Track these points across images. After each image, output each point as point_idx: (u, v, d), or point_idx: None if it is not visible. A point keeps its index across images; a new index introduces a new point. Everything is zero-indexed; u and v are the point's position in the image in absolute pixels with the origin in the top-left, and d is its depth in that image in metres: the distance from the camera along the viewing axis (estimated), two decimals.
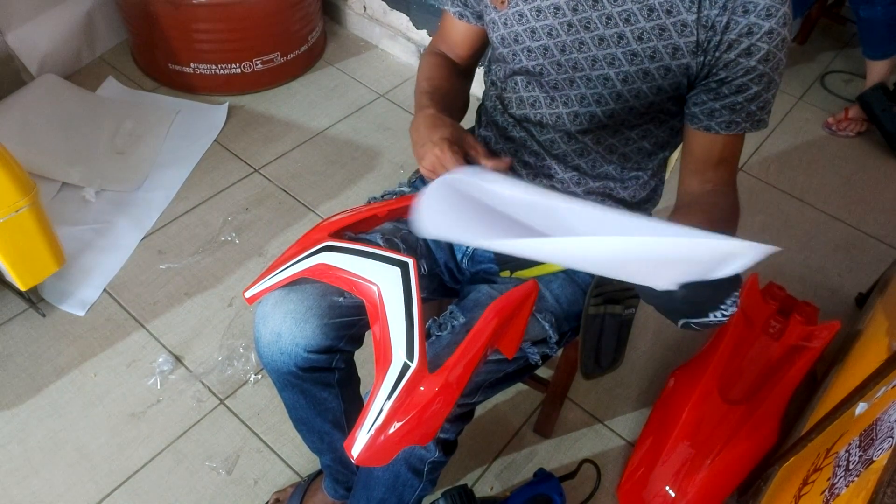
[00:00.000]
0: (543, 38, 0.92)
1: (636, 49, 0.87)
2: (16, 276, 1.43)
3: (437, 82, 1.04)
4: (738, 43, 0.82)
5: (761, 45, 0.82)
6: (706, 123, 0.91)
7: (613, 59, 0.89)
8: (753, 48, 0.82)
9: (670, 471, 1.32)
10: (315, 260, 0.89)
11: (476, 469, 1.42)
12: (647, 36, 0.86)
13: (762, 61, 0.83)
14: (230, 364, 1.54)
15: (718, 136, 0.91)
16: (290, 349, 0.92)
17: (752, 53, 0.83)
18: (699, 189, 0.96)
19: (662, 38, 0.85)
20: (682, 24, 0.84)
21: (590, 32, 0.89)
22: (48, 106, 2.01)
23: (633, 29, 0.86)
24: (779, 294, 1.56)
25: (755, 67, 0.84)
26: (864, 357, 1.28)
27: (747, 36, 0.82)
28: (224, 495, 1.35)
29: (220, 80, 2.19)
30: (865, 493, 0.83)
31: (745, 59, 0.83)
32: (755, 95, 0.87)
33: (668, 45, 0.86)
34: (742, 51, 0.83)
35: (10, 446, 1.39)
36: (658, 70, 0.87)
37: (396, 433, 0.78)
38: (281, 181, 1.98)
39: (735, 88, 0.86)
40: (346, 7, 2.52)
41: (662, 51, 0.86)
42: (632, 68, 0.88)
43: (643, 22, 0.86)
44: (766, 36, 0.82)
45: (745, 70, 0.84)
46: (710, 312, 0.69)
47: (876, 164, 2.25)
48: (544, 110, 0.99)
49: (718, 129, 0.90)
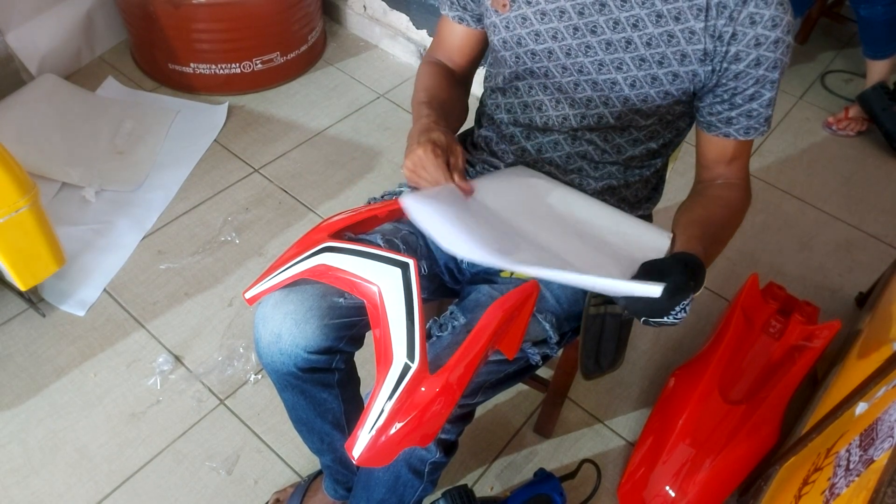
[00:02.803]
0: (548, 41, 0.92)
1: (644, 54, 0.88)
2: (16, 276, 1.42)
3: (435, 92, 1.04)
4: (746, 54, 0.85)
5: (768, 54, 0.84)
6: (725, 131, 0.94)
7: (621, 63, 0.89)
8: (762, 58, 0.85)
9: (671, 471, 1.32)
10: (315, 261, 0.89)
11: (476, 469, 1.42)
12: (656, 42, 0.87)
13: (771, 69, 0.86)
14: (230, 364, 1.54)
15: (734, 141, 0.94)
16: (291, 350, 0.92)
17: (761, 63, 0.85)
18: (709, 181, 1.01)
19: (671, 44, 0.86)
20: (690, 32, 0.85)
21: (596, 37, 0.89)
22: (48, 106, 2.01)
23: (641, 34, 0.87)
24: (779, 294, 1.56)
25: (765, 76, 0.86)
26: (865, 357, 1.28)
27: (755, 48, 0.84)
28: (224, 495, 1.35)
29: (220, 80, 2.19)
30: (866, 493, 0.83)
31: (754, 69, 0.86)
32: (770, 101, 0.90)
33: (677, 52, 0.87)
34: (751, 62, 0.85)
35: (10, 446, 1.39)
36: (667, 76, 0.88)
37: (397, 434, 0.78)
38: (281, 181, 1.97)
39: (749, 97, 0.89)
40: (346, 7, 2.52)
41: (671, 57, 0.87)
42: (640, 73, 0.89)
43: (651, 28, 0.86)
44: (773, 45, 0.84)
45: (755, 80, 0.87)
46: (664, 316, 0.79)
47: (876, 163, 2.25)
48: (550, 112, 0.99)
49: (737, 135, 0.93)
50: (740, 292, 1.53)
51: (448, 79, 1.08)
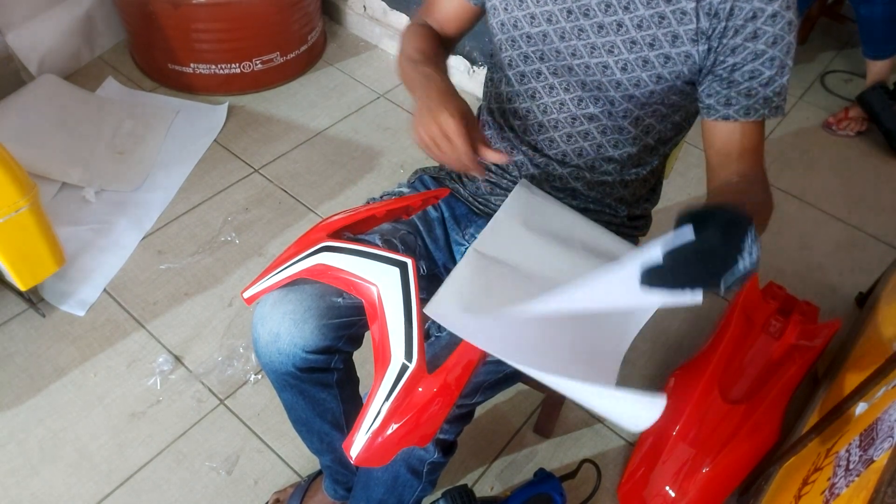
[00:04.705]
0: (543, 23, 0.92)
1: (635, 37, 0.87)
2: (16, 276, 1.43)
3: (434, 53, 1.02)
4: (743, 28, 0.83)
5: (766, 28, 0.82)
6: (724, 112, 0.89)
7: (612, 46, 0.89)
8: (759, 31, 0.83)
9: (670, 471, 1.32)
10: (314, 260, 0.89)
11: (476, 469, 1.42)
12: (647, 24, 0.86)
13: (770, 45, 0.83)
14: (230, 364, 1.54)
15: (737, 125, 0.89)
16: (289, 350, 0.92)
17: (759, 37, 0.83)
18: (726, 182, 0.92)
19: (661, 25, 0.86)
20: (681, 13, 0.85)
21: (589, 20, 0.89)
22: (48, 106, 2.01)
23: (632, 17, 0.87)
24: (779, 293, 1.56)
25: (764, 51, 0.84)
26: (864, 357, 1.28)
27: (752, 20, 0.82)
28: (224, 495, 1.35)
29: (220, 80, 2.19)
30: (866, 493, 0.83)
31: (751, 42, 0.83)
32: (769, 80, 0.86)
33: (668, 33, 0.86)
34: (748, 34, 0.83)
35: (10, 446, 1.39)
36: (658, 58, 0.88)
37: (395, 434, 0.78)
38: (281, 181, 1.98)
39: (748, 75, 0.86)
40: (346, 7, 2.52)
41: (662, 38, 0.86)
42: (630, 56, 0.88)
43: (642, 10, 0.86)
44: (771, 19, 0.82)
45: (753, 54, 0.84)
46: (735, 261, 0.62)
47: (876, 163, 2.25)
48: (546, 100, 0.98)
49: (737, 116, 0.89)
50: (740, 292, 1.53)
51: (441, 46, 1.07)
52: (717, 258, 0.61)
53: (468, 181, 1.11)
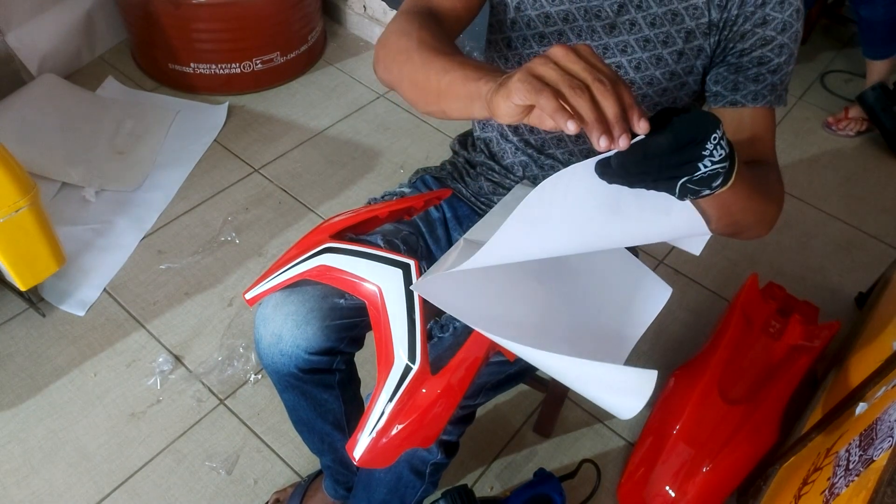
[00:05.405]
0: (559, 23, 0.92)
1: (649, 35, 0.88)
2: (16, 276, 1.42)
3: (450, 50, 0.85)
4: (752, 14, 0.84)
5: (775, 14, 0.84)
6: (731, 98, 0.88)
7: (626, 46, 0.89)
8: (768, 17, 0.84)
9: (670, 471, 1.32)
10: (316, 262, 0.89)
11: (476, 469, 1.42)
12: (660, 21, 0.87)
13: (779, 32, 0.84)
14: (230, 364, 1.54)
15: (746, 111, 0.89)
16: (291, 351, 0.92)
17: (768, 23, 0.84)
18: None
19: (675, 22, 0.87)
20: (693, 8, 0.86)
21: (601, 21, 0.89)
22: (48, 106, 2.01)
23: (644, 15, 0.87)
24: (779, 294, 1.56)
25: (773, 38, 0.85)
26: (864, 357, 1.28)
27: (761, 7, 0.83)
28: (224, 495, 1.35)
29: (220, 79, 2.19)
30: (865, 493, 0.83)
31: (760, 28, 0.84)
32: (777, 67, 0.86)
33: (681, 30, 0.87)
34: (757, 20, 0.84)
35: (10, 446, 1.39)
36: (671, 55, 0.88)
37: (398, 435, 0.78)
38: (281, 181, 1.97)
39: (757, 60, 0.86)
40: (346, 7, 2.52)
41: (675, 35, 0.87)
42: (644, 55, 0.89)
43: (655, 8, 0.87)
44: (779, 6, 0.83)
45: (762, 40, 0.85)
46: (696, 163, 0.59)
47: (876, 163, 2.25)
48: None
49: (745, 101, 0.88)
50: (740, 292, 1.53)
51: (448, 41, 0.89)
52: (663, 155, 0.58)
53: (470, 181, 1.11)
